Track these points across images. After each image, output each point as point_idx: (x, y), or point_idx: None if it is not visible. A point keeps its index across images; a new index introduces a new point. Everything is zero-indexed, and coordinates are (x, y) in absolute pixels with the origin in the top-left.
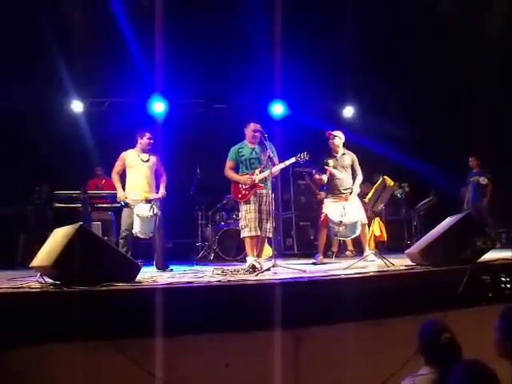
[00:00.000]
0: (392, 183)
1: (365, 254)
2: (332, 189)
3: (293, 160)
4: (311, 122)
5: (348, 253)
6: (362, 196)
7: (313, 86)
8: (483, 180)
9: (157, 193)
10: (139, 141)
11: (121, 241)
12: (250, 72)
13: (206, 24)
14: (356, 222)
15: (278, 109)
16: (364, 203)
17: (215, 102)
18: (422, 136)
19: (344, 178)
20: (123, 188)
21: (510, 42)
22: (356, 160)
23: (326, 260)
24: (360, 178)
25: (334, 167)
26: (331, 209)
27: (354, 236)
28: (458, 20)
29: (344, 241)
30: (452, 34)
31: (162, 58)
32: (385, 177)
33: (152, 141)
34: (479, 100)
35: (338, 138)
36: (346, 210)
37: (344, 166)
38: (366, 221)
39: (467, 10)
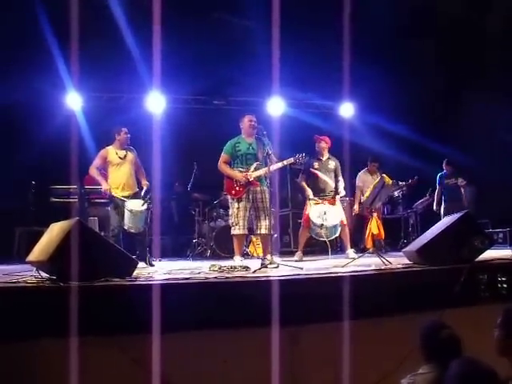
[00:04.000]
0: (390, 182)
1: (346, 252)
2: (315, 190)
3: (291, 160)
4: (309, 120)
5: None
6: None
7: (311, 82)
8: (461, 182)
9: (139, 187)
10: (116, 137)
11: (112, 238)
12: (249, 68)
13: (205, 20)
14: (336, 225)
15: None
16: (361, 201)
17: (214, 98)
18: (420, 134)
19: (327, 180)
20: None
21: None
22: (339, 167)
23: (305, 258)
24: (342, 183)
25: (319, 170)
26: (313, 211)
27: (334, 237)
28: (459, 16)
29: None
30: (453, 30)
31: (161, 53)
32: (383, 175)
33: (129, 135)
34: (480, 98)
35: (324, 142)
36: (326, 214)
37: (328, 169)
38: (345, 221)
39: (468, 7)
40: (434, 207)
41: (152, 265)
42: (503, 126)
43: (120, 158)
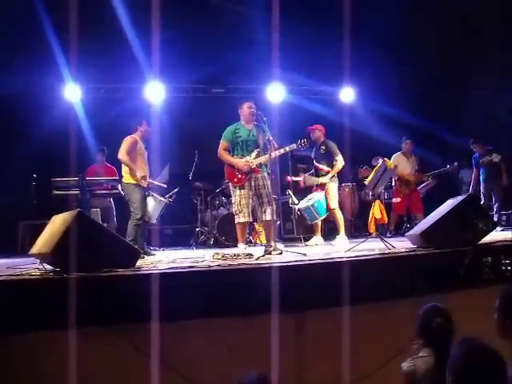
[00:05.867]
0: (392, 166)
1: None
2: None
3: (293, 146)
4: (310, 106)
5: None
6: (361, 179)
7: (311, 67)
8: (496, 157)
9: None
10: (139, 128)
11: (136, 227)
12: (248, 55)
13: (203, 7)
14: (308, 208)
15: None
16: (364, 185)
17: (213, 86)
18: (420, 119)
19: (322, 166)
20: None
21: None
22: (333, 147)
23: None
24: (338, 163)
25: (315, 158)
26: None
27: (316, 220)
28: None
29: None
30: (454, 14)
31: (159, 42)
32: (385, 159)
33: (150, 129)
34: (482, 83)
35: (317, 130)
36: (303, 200)
37: (321, 155)
38: (334, 206)
39: None
40: (471, 189)
41: (151, 254)
42: (505, 109)
43: (144, 148)
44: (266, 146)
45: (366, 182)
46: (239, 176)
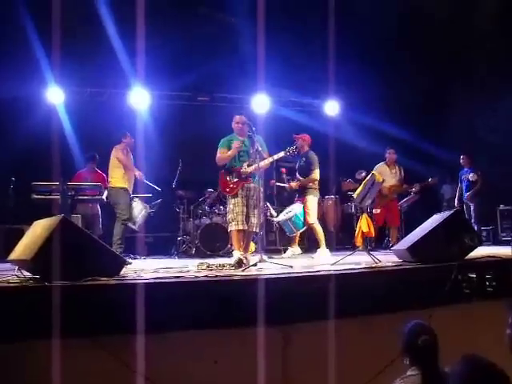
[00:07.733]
0: (380, 179)
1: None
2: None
3: (281, 154)
4: (295, 117)
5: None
6: (345, 192)
7: (296, 80)
8: (472, 176)
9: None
10: (123, 140)
11: (123, 226)
12: (234, 65)
13: (190, 15)
14: (286, 221)
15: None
16: (347, 198)
17: (198, 94)
18: (404, 132)
19: (300, 179)
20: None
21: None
22: (313, 160)
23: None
24: (312, 175)
25: (298, 169)
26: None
27: (294, 234)
28: (444, 17)
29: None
30: (437, 30)
31: (145, 48)
32: (373, 172)
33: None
34: (464, 98)
35: (301, 139)
36: (283, 212)
37: (300, 167)
38: (312, 220)
39: (453, 8)
40: (456, 203)
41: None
42: (484, 125)
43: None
44: (256, 157)
45: (355, 195)
46: (231, 185)
